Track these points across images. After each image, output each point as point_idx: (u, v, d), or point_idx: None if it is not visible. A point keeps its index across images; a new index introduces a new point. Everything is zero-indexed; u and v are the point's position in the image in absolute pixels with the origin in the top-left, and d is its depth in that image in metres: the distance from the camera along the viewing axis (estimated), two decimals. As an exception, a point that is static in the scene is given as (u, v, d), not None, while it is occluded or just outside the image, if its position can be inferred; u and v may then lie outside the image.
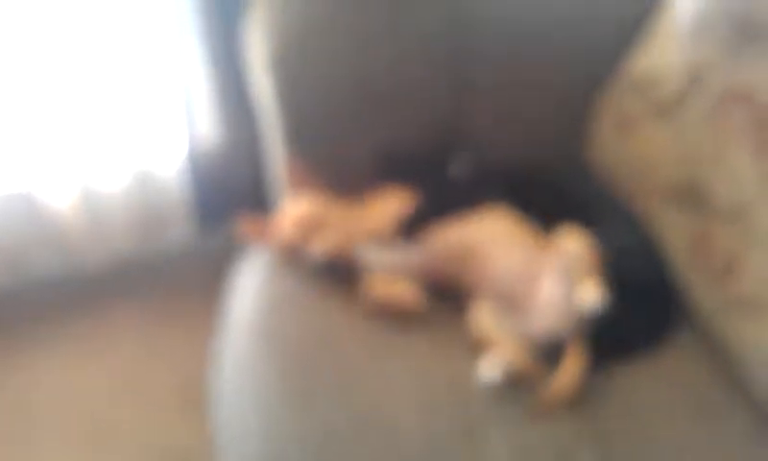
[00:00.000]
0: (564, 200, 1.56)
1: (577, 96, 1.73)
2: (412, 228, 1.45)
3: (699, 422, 1.24)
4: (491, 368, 1.25)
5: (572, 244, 1.29)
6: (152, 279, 2.41)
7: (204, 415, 1.44)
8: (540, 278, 1.33)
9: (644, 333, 1.37)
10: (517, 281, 1.35)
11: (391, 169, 1.63)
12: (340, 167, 1.63)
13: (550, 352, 1.30)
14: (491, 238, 1.42)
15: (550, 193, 1.58)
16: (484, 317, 1.36)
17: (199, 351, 1.78)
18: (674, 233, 1.40)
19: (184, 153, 2.15)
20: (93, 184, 2.14)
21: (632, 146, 1.53)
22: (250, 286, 1.52)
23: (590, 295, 1.20)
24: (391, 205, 1.52)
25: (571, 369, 1.27)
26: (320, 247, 1.45)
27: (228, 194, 2.19)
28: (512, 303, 1.35)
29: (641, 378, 1.31)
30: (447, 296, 1.44)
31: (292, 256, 1.52)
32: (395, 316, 1.40)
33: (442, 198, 1.52)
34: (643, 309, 1.38)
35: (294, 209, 1.54)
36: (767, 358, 1.21)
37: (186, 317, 2.25)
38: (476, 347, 1.33)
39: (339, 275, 1.46)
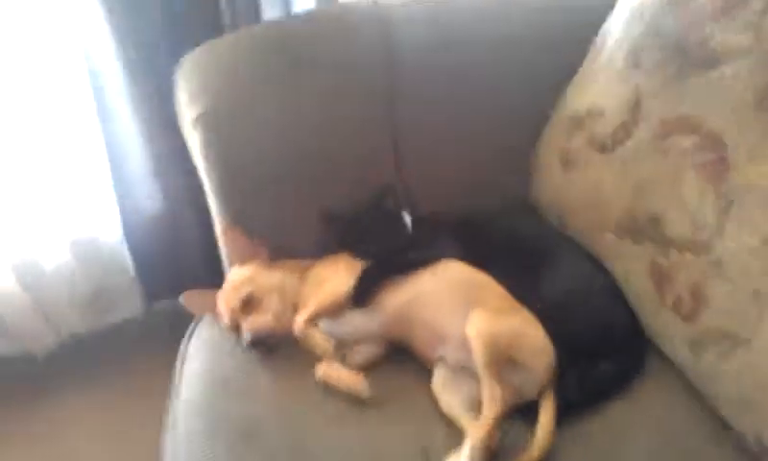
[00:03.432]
0: (515, 243, 1.52)
1: (517, 138, 1.71)
2: (365, 291, 1.38)
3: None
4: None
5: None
6: (101, 356, 2.28)
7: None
8: None
9: (615, 376, 1.31)
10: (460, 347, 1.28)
11: (337, 229, 1.56)
12: (283, 233, 1.56)
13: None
14: (437, 300, 1.35)
15: (501, 237, 1.53)
16: (440, 389, 1.30)
17: (152, 431, 1.67)
18: (633, 267, 1.36)
19: (121, 222, 2.05)
20: (31, 260, 2.03)
21: (579, 182, 1.49)
22: (197, 367, 1.43)
23: None
24: (341, 273, 1.45)
25: (545, 428, 1.21)
26: (251, 325, 1.38)
27: (177, 262, 2.08)
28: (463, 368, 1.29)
29: (616, 425, 1.25)
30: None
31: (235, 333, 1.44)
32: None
33: (392, 257, 1.46)
34: (611, 349, 1.32)
35: (231, 282, 1.46)
36: (738, 392, 1.15)
37: (139, 395, 2.13)
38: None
39: (273, 351, 1.39)
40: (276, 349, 1.41)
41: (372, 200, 1.56)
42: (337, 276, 1.43)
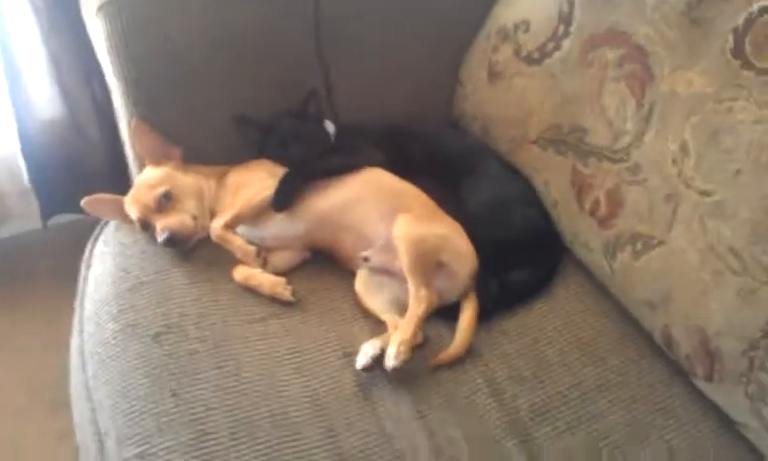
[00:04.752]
0: (438, 153, 1.51)
1: (445, 52, 1.69)
2: (286, 196, 1.33)
3: (590, 363, 1.23)
4: (361, 355, 1.17)
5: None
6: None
7: (52, 413, 1.27)
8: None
9: (533, 281, 1.34)
10: (391, 256, 1.28)
11: (254, 134, 1.49)
12: (197, 133, 1.47)
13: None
14: (370, 204, 1.33)
15: (424, 147, 1.52)
16: (363, 290, 1.30)
17: (51, 345, 1.57)
18: (554, 177, 1.39)
19: (15, 129, 1.88)
20: None
21: (505, 94, 1.50)
22: (105, 270, 1.34)
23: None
24: (261, 177, 1.39)
25: (466, 328, 1.23)
26: (164, 224, 1.31)
27: (78, 174, 1.94)
28: (389, 271, 1.29)
29: (532, 328, 1.28)
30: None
31: (145, 233, 1.36)
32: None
33: (314, 162, 1.42)
34: (529, 256, 1.35)
35: (144, 180, 1.38)
36: (649, 290, 1.21)
37: (35, 311, 2.00)
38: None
39: (187, 252, 1.33)
40: (191, 251, 1.35)
41: (294, 105, 1.50)
42: (257, 181, 1.37)
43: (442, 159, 1.49)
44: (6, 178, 2.00)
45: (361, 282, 1.30)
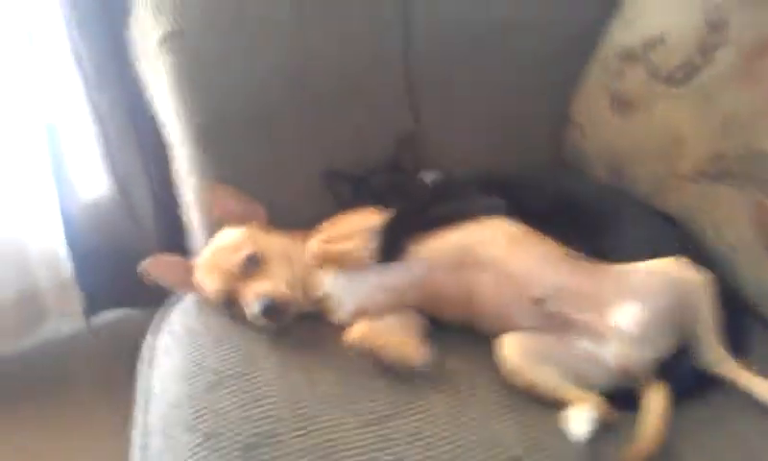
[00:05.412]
0: (564, 201, 1.24)
1: (543, 94, 1.45)
2: (389, 247, 1.07)
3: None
4: (579, 422, 0.91)
5: (684, 273, 1.01)
6: (30, 382, 1.85)
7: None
8: (617, 299, 1.00)
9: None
10: (576, 302, 1.01)
11: (344, 190, 1.25)
12: (277, 189, 1.23)
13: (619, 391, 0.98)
14: (511, 247, 1.07)
15: (544, 195, 1.26)
16: (518, 349, 1.00)
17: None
18: (724, 216, 1.11)
19: (57, 215, 1.65)
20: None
21: (644, 125, 1.24)
22: (174, 366, 1.07)
23: None
24: (356, 223, 1.13)
25: (657, 416, 0.94)
26: (259, 290, 1.04)
27: (126, 259, 1.68)
28: (563, 328, 1.01)
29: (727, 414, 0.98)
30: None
31: (225, 308, 1.10)
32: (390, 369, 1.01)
33: (420, 212, 1.15)
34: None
35: (223, 244, 1.13)
36: None
37: (80, 426, 1.71)
38: (511, 387, 1.00)
39: (285, 323, 1.06)
40: (283, 335, 1.08)
41: (386, 156, 1.26)
42: (360, 216, 1.13)
43: (569, 208, 1.22)
44: (45, 271, 1.75)
45: (513, 348, 1.00)
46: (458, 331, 1.09)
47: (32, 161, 1.58)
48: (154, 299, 1.22)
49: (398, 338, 1.02)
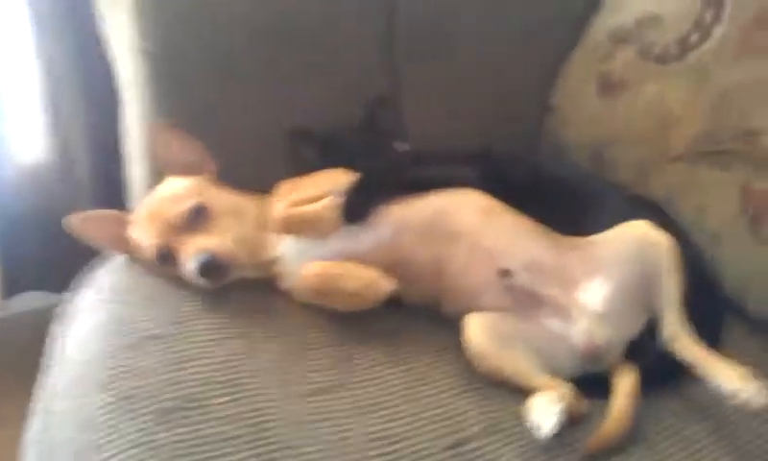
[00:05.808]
0: (546, 182, 1.14)
1: (526, 77, 1.36)
2: (355, 207, 0.95)
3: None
4: (546, 414, 0.79)
5: (649, 235, 0.91)
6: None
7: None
8: (585, 276, 0.91)
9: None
10: (545, 278, 0.91)
11: (311, 150, 1.14)
12: (235, 144, 1.10)
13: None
14: (483, 218, 0.96)
15: (527, 174, 1.15)
16: (485, 332, 0.89)
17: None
18: (715, 199, 1.02)
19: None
20: None
21: (632, 107, 1.16)
22: (95, 323, 0.92)
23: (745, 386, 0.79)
24: (323, 184, 1.01)
25: (624, 399, 0.84)
26: (201, 244, 0.91)
27: (51, 237, 1.51)
28: (531, 305, 0.91)
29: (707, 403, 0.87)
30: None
31: (162, 265, 0.96)
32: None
33: (391, 176, 1.05)
34: (690, 310, 0.95)
35: (165, 193, 0.99)
36: None
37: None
38: (476, 370, 0.88)
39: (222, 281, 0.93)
40: (223, 294, 0.94)
41: (361, 114, 1.15)
42: (324, 176, 1.02)
43: (546, 187, 1.12)
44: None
45: (480, 330, 0.89)
46: (422, 313, 0.98)
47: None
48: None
49: (358, 269, 0.91)
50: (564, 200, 1.10)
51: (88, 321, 0.94)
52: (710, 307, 1.00)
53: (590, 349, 0.88)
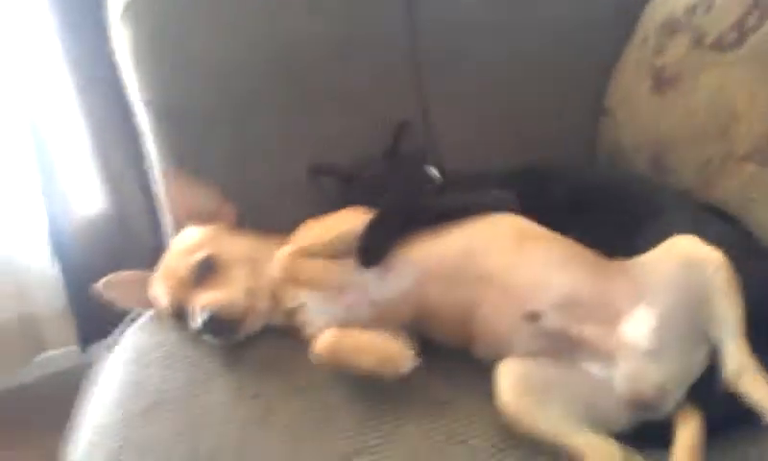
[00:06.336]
0: (594, 194, 1.03)
1: (572, 78, 1.24)
2: (372, 249, 0.88)
3: None
4: None
5: (695, 251, 0.77)
6: (35, 415, 1.70)
7: None
8: (626, 310, 0.79)
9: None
10: (581, 316, 0.79)
11: (336, 186, 1.08)
12: (254, 191, 1.07)
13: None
14: (517, 250, 0.86)
15: (571, 187, 1.04)
16: (517, 385, 0.78)
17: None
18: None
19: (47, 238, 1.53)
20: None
21: (690, 102, 1.02)
22: (112, 386, 0.90)
23: None
24: (336, 228, 0.94)
25: (685, 452, 0.73)
26: (205, 300, 0.87)
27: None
28: (568, 350, 0.79)
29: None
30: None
31: (181, 323, 0.92)
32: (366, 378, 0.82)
33: (412, 209, 0.95)
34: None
35: (179, 246, 0.96)
36: None
37: None
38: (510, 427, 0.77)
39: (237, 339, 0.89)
40: (241, 350, 0.90)
41: (385, 145, 1.08)
42: (341, 216, 0.94)
43: (601, 203, 1.01)
44: (40, 296, 1.63)
45: (511, 384, 0.78)
46: (454, 354, 0.89)
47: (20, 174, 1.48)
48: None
49: (378, 338, 0.83)
50: (617, 213, 0.98)
51: (108, 383, 0.91)
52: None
53: (638, 395, 0.75)
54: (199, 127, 1.04)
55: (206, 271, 0.90)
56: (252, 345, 0.90)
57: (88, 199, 1.55)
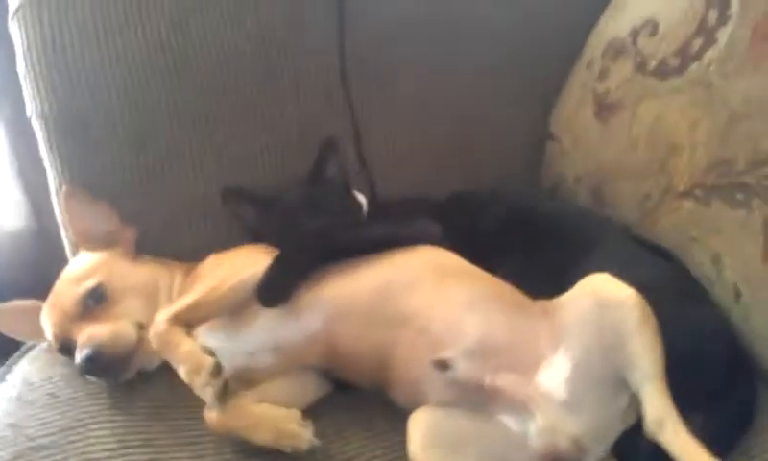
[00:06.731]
0: (527, 224, 0.97)
1: (519, 95, 1.18)
2: (281, 280, 0.81)
3: None
4: None
5: (607, 289, 0.71)
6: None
7: None
8: (546, 356, 0.72)
9: (722, 428, 0.73)
10: (495, 363, 0.72)
11: (252, 212, 1.01)
12: (158, 212, 0.99)
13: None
14: (438, 289, 0.79)
15: (506, 216, 0.98)
16: (429, 439, 0.71)
17: None
18: (733, 245, 0.81)
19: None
20: None
21: (629, 131, 0.97)
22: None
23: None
24: (247, 252, 0.88)
25: None
26: (85, 337, 0.79)
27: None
28: (483, 400, 0.72)
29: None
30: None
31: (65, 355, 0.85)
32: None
33: (325, 242, 0.88)
34: (705, 390, 0.74)
35: (69, 274, 0.88)
36: None
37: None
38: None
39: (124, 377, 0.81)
40: (133, 387, 0.82)
41: (311, 166, 1.01)
42: (239, 259, 0.86)
43: (534, 233, 0.95)
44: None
45: (422, 438, 0.71)
46: (375, 399, 0.82)
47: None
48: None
49: (274, 414, 0.75)
50: (550, 247, 0.93)
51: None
52: (738, 383, 0.79)
53: (552, 449, 0.68)
54: (97, 140, 0.95)
55: (96, 301, 0.83)
56: (146, 383, 0.83)
57: (8, 214, 1.46)
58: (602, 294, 0.70)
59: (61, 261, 1.43)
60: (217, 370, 0.70)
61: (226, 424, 0.74)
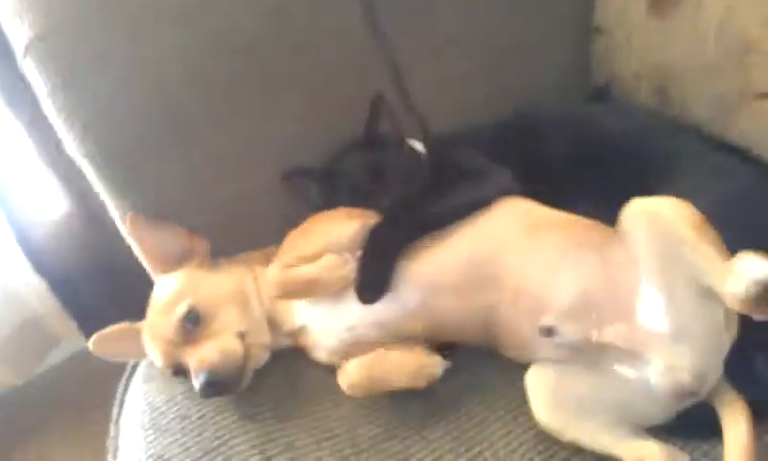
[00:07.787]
0: (597, 149, 0.94)
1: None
2: (373, 280, 0.81)
3: None
4: None
5: (650, 210, 0.71)
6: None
7: None
8: (633, 292, 0.73)
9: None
10: (599, 319, 0.74)
11: (311, 191, 1.00)
12: (219, 210, 0.98)
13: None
14: (529, 245, 0.79)
15: (571, 142, 0.95)
16: (550, 400, 0.75)
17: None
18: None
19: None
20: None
21: (693, 26, 0.91)
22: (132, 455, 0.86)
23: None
24: (324, 233, 0.87)
25: (737, 450, 0.69)
26: (197, 363, 0.82)
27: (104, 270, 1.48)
28: (595, 353, 0.74)
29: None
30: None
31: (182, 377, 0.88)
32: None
33: (413, 210, 0.87)
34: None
35: (159, 302, 0.89)
36: None
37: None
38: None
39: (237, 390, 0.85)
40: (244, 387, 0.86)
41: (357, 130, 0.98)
42: (321, 221, 0.89)
43: (605, 158, 0.92)
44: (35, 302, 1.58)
45: (544, 400, 0.75)
46: (488, 359, 0.85)
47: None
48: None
49: (401, 360, 0.79)
50: (623, 165, 0.91)
51: (128, 452, 0.88)
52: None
53: (677, 386, 0.71)
54: (144, 163, 0.93)
55: (193, 324, 0.84)
56: (259, 381, 0.87)
57: (49, 203, 1.45)
58: (648, 215, 0.71)
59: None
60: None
61: (363, 382, 0.79)
